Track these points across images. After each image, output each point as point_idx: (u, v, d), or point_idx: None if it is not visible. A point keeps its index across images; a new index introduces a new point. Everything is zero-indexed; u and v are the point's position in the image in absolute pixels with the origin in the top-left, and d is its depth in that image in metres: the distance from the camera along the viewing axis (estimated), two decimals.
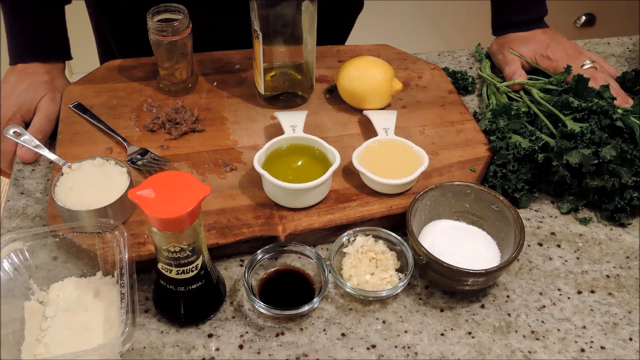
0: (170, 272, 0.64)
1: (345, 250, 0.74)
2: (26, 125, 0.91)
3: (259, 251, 0.72)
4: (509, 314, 0.72)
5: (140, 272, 0.72)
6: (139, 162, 0.83)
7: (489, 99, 0.99)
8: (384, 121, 0.87)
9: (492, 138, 0.87)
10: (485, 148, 0.88)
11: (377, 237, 0.75)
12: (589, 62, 0.98)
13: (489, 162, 0.86)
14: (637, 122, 0.82)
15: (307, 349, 0.67)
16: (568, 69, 0.94)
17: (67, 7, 1.01)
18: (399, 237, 0.74)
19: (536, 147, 0.82)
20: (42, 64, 0.95)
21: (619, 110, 0.84)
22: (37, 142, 0.83)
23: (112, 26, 1.08)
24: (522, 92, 0.97)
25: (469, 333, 0.70)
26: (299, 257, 0.73)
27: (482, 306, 0.72)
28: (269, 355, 0.67)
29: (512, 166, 0.82)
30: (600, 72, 0.97)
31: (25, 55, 0.95)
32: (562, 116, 0.85)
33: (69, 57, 1.00)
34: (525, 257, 0.78)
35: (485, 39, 1.13)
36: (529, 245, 0.79)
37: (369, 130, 0.89)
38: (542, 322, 0.71)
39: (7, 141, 0.87)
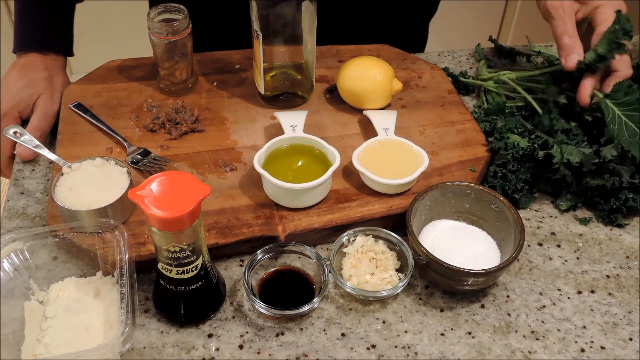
0: (170, 272, 0.64)
1: (345, 250, 0.74)
2: (24, 122, 0.91)
3: (259, 251, 0.72)
4: (509, 314, 0.72)
5: (140, 272, 0.72)
6: (139, 162, 0.83)
7: (487, 100, 0.98)
8: (384, 121, 0.87)
9: (490, 139, 0.87)
10: (485, 148, 0.88)
11: (377, 237, 0.75)
12: None
13: (489, 162, 0.86)
14: (612, 107, 0.82)
15: (307, 349, 0.67)
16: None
17: None
18: (399, 237, 0.74)
19: (535, 146, 0.82)
20: (41, 59, 0.95)
21: (599, 95, 0.84)
22: (37, 142, 0.83)
23: None
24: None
25: (469, 333, 0.70)
26: (299, 257, 0.73)
27: (482, 306, 0.72)
28: (269, 355, 0.67)
29: (512, 166, 0.82)
30: None
31: (26, 44, 0.95)
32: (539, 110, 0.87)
33: (70, 53, 1.00)
34: (525, 257, 0.78)
35: (485, 39, 1.13)
36: (529, 245, 0.79)
37: (369, 130, 0.89)
38: (542, 322, 0.71)
39: (5, 140, 0.87)
